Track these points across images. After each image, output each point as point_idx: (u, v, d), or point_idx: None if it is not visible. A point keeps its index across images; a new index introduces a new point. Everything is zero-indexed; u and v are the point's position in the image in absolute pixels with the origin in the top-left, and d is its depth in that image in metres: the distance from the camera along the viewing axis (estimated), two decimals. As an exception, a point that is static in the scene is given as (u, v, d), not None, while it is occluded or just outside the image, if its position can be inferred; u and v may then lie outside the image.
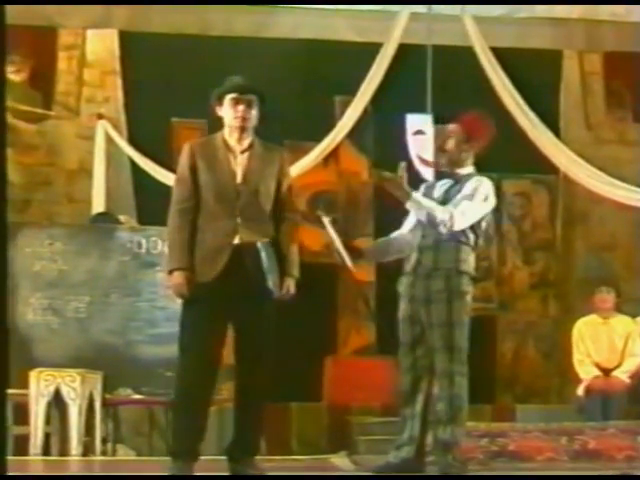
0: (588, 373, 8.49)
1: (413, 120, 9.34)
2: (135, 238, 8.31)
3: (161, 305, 8.00)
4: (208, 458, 5.21)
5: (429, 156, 9.06)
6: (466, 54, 9.49)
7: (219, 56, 9.20)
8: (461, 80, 9.68)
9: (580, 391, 8.47)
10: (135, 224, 8.85)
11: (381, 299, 9.52)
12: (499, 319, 10.20)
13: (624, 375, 8.46)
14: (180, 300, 4.94)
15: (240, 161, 4.94)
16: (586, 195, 9.88)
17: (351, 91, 9.56)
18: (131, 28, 9.67)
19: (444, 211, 4.98)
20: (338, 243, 5.12)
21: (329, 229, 5.12)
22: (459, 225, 5.00)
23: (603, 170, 9.50)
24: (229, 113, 4.94)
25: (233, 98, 4.92)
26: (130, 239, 8.31)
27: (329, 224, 5.12)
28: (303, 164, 9.39)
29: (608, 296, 8.70)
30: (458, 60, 9.57)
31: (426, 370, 5.07)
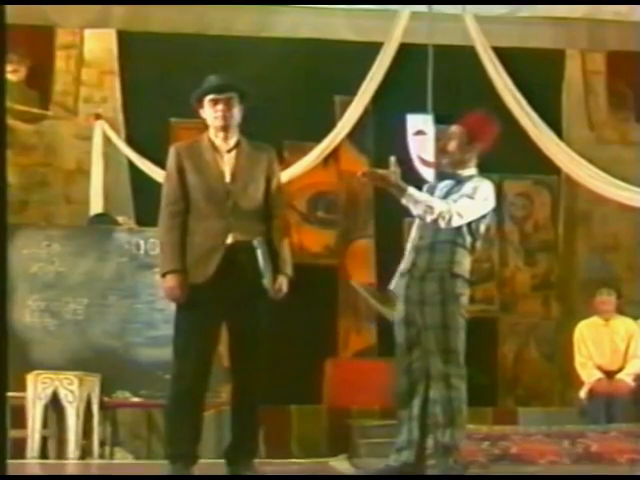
0: (590, 376, 8.43)
1: (414, 120, 9.31)
2: (133, 239, 8.27)
3: (159, 307, 7.92)
4: (207, 462, 5.18)
5: (430, 156, 9.02)
6: (467, 54, 9.48)
7: (218, 56, 9.16)
8: (462, 80, 9.66)
9: (583, 394, 8.42)
10: (133, 225, 8.80)
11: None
12: (501, 321, 10.16)
13: (628, 378, 8.40)
14: (176, 302, 4.90)
15: (227, 160, 4.92)
16: (588, 196, 9.85)
17: (351, 91, 9.55)
18: (129, 28, 9.65)
19: (442, 203, 4.91)
20: (373, 302, 5.15)
21: (362, 292, 5.17)
22: (457, 220, 4.92)
23: (605, 171, 9.46)
24: (209, 114, 4.93)
25: (211, 99, 4.90)
26: (128, 240, 8.27)
27: (360, 288, 5.17)
28: (303, 164, 9.38)
29: (609, 298, 8.65)
30: (459, 60, 9.56)
31: (422, 373, 5.02)
